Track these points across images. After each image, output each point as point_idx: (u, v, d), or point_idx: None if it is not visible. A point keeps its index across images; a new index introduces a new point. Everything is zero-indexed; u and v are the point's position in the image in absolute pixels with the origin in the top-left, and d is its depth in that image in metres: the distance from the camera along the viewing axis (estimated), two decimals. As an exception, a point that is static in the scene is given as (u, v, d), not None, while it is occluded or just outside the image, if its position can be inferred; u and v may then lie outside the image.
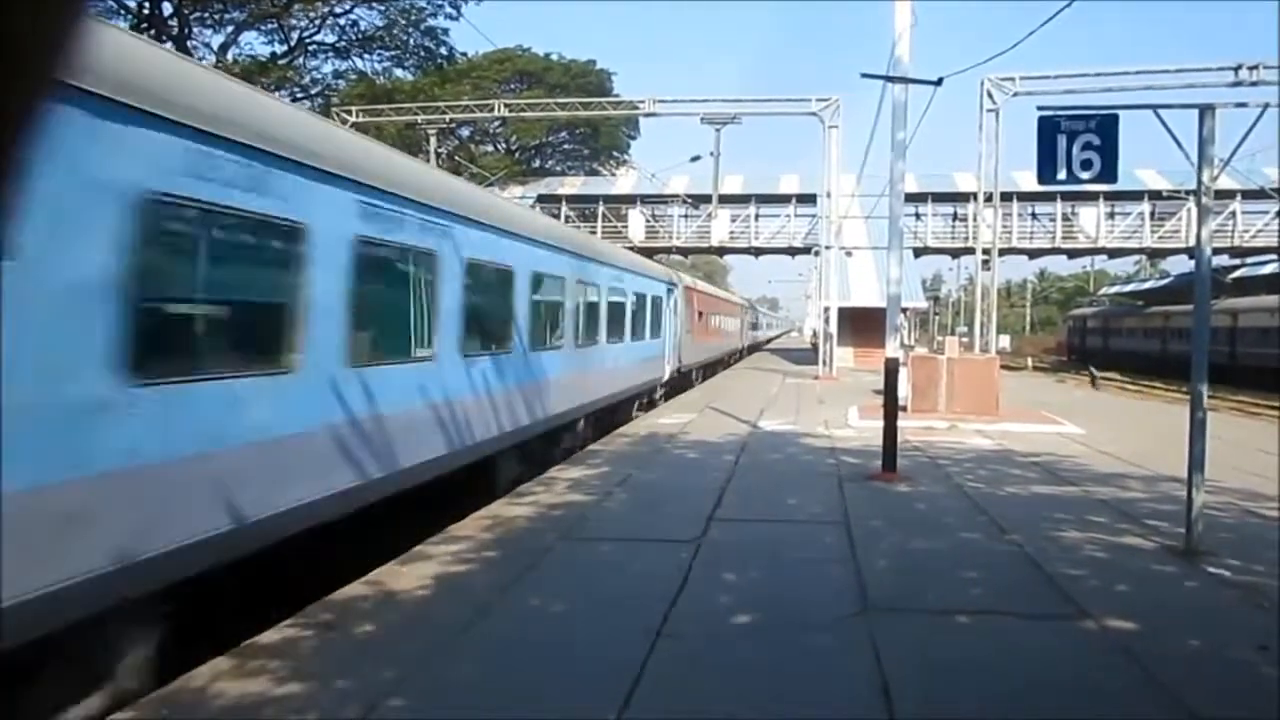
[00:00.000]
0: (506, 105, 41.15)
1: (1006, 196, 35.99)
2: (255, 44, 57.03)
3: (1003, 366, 20.58)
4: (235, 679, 4.66)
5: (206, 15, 41.51)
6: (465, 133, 54.52)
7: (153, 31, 35.16)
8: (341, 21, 45.66)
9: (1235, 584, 6.83)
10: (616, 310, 16.99)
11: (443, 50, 48.72)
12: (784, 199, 47.48)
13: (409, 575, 6.66)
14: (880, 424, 11.77)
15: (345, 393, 6.74)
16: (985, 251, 30.89)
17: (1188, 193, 37.08)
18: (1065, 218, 44.96)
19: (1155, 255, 50.40)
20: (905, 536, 8.16)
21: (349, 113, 36.84)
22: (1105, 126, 7.93)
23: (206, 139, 5.16)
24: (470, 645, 5.30)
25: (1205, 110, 7.61)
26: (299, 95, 44.35)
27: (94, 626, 4.45)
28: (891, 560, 7.38)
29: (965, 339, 29.87)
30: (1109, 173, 7.93)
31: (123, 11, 36.47)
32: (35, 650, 4.07)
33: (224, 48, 42.10)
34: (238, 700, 4.40)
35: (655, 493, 10.15)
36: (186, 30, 39.60)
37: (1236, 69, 28.42)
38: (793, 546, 7.79)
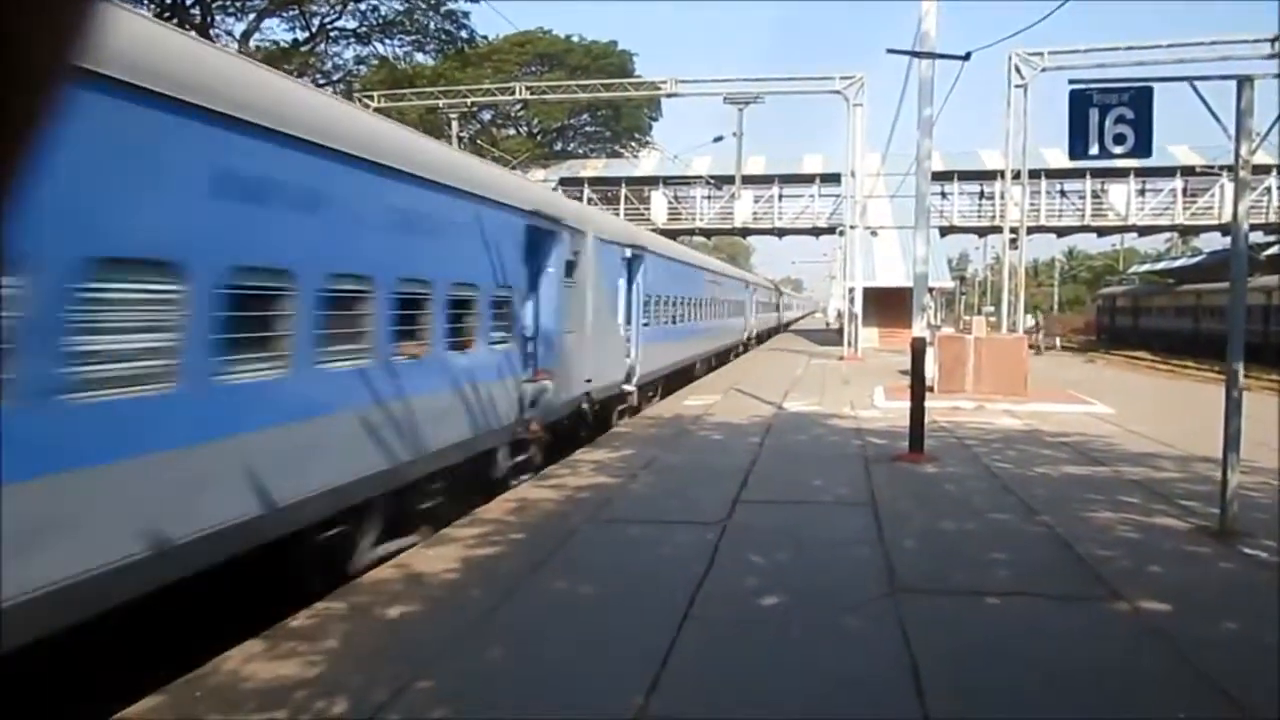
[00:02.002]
0: (528, 88, 41.02)
1: (1034, 174, 35.42)
2: (277, 30, 57.23)
3: (1030, 346, 20.35)
4: (266, 661, 4.70)
5: (229, 3, 41.67)
6: (487, 116, 54.42)
7: (175, 20, 35.33)
8: (362, 7, 45.68)
9: (1271, 565, 6.71)
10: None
11: (463, 34, 48.62)
12: (808, 179, 47.09)
13: (436, 558, 6.69)
14: (906, 405, 11.67)
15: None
16: (1013, 230, 30.50)
17: (1221, 168, 36.41)
18: (1095, 195, 44.21)
19: (1187, 232, 49.62)
20: (933, 517, 8.10)
21: (370, 98, 36.89)
22: (1139, 99, 7.76)
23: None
24: (497, 628, 5.32)
25: (1243, 81, 7.42)
26: (321, 82, 44.47)
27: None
28: (919, 541, 7.32)
29: (992, 318, 29.55)
30: (1143, 146, 7.78)
31: (145, 0, 36.68)
32: None
33: (246, 35, 42.26)
34: (269, 682, 4.44)
35: (680, 475, 10.14)
36: (209, 18, 39.77)
37: (1273, 40, 27.70)
38: (819, 528, 7.76)
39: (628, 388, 15.73)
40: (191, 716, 4.08)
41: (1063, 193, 45.43)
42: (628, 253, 15.67)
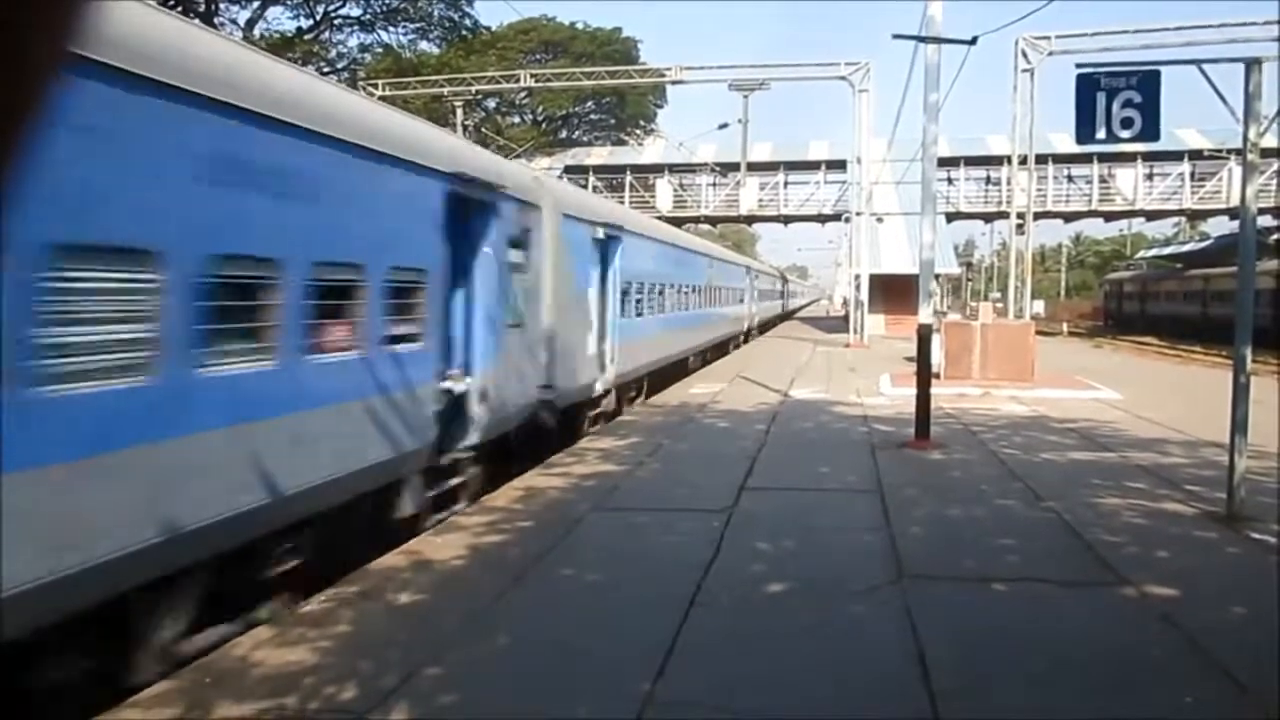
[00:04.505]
0: (532, 76, 40.91)
1: (1041, 159, 35.24)
2: (282, 19, 57.13)
3: (1037, 332, 20.29)
4: (276, 648, 4.73)
5: (232, -10, 41.56)
6: (491, 104, 54.31)
7: (179, 8, 35.28)
8: (366, -6, 45.56)
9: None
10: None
11: (467, 22, 48.50)
12: (813, 166, 46.92)
13: (444, 545, 6.72)
14: (913, 391, 11.66)
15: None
16: (1019, 215, 30.39)
17: (1229, 152, 36.17)
18: (1102, 180, 43.97)
19: (1195, 217, 49.32)
20: (940, 504, 8.10)
21: (375, 86, 36.82)
22: (1147, 83, 7.70)
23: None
24: (505, 615, 5.34)
25: (1252, 64, 7.36)
26: (325, 70, 44.39)
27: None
28: (926, 528, 7.33)
29: (999, 304, 29.47)
30: (1151, 130, 7.72)
31: (150, -11, 36.53)
32: None
33: (250, 23, 42.17)
34: (278, 669, 4.47)
35: (687, 462, 10.15)
36: (213, 6, 39.69)
37: (1282, 22, 27.43)
38: (826, 515, 7.77)
39: (601, 389, 13.75)
40: (202, 702, 4.11)
41: (1070, 178, 45.18)
42: (600, 233, 13.50)
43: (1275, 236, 42.18)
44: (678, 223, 36.99)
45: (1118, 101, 7.67)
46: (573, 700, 4.24)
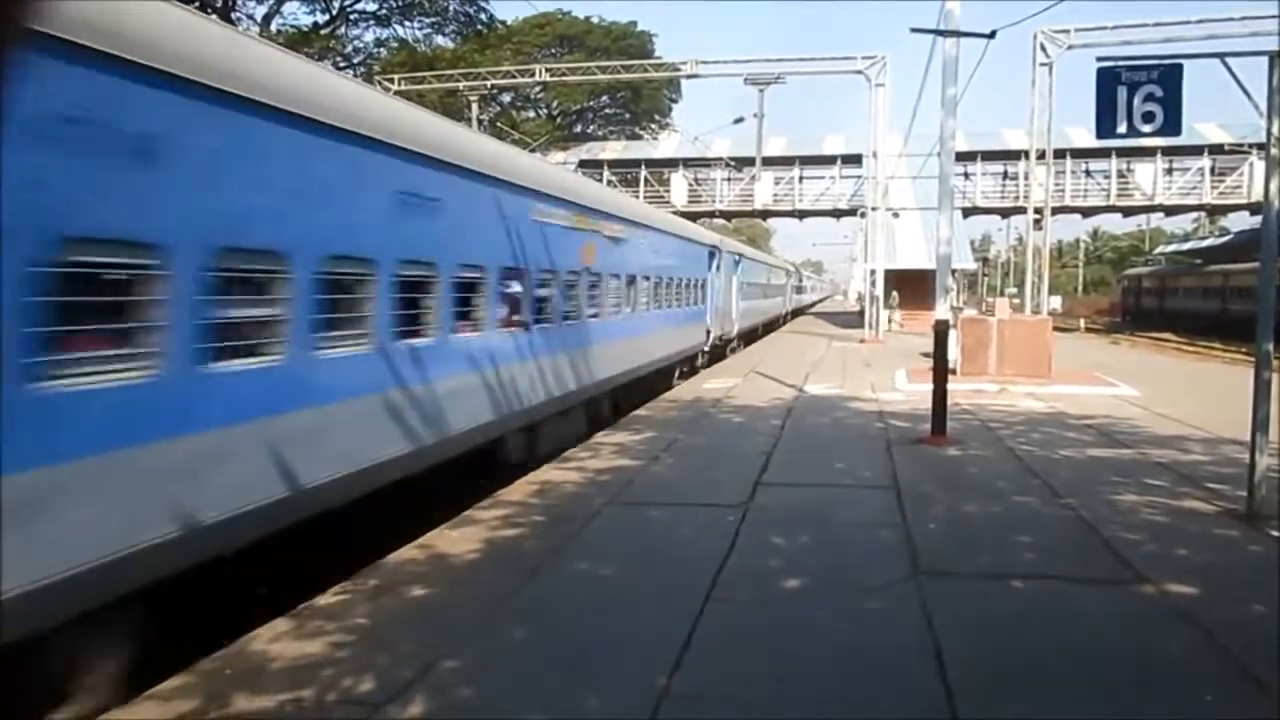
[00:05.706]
0: (547, 70, 40.90)
1: (1059, 154, 34.97)
2: (298, 14, 57.34)
3: (1054, 328, 20.14)
4: (294, 640, 4.77)
5: (250, -14, 41.68)
6: (506, 99, 54.32)
7: (197, 4, 35.40)
8: (382, -11, 45.64)
9: (1301, 548, 6.64)
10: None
11: (482, 16, 48.55)
12: (829, 160, 46.73)
13: (459, 539, 6.74)
14: (928, 387, 11.60)
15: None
16: (1037, 210, 30.19)
17: (1250, 146, 35.82)
18: (1120, 174, 43.61)
19: (1215, 212, 48.84)
20: (956, 500, 8.06)
21: (391, 81, 36.89)
22: (1168, 76, 7.62)
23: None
24: (521, 608, 5.36)
25: (1276, 57, 7.27)
26: (342, 65, 44.50)
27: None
28: (942, 524, 7.30)
29: (1016, 300, 29.29)
30: (1173, 124, 7.63)
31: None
32: None
33: (267, 18, 42.34)
34: (296, 661, 4.50)
35: (701, 457, 10.14)
36: (230, 1, 39.83)
37: (1306, 15, 27.08)
38: (841, 510, 7.74)
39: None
40: (220, 695, 4.14)
41: (1088, 172, 44.83)
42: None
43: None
44: (692, 217, 36.94)
45: (1139, 95, 7.60)
46: (588, 693, 4.24)
